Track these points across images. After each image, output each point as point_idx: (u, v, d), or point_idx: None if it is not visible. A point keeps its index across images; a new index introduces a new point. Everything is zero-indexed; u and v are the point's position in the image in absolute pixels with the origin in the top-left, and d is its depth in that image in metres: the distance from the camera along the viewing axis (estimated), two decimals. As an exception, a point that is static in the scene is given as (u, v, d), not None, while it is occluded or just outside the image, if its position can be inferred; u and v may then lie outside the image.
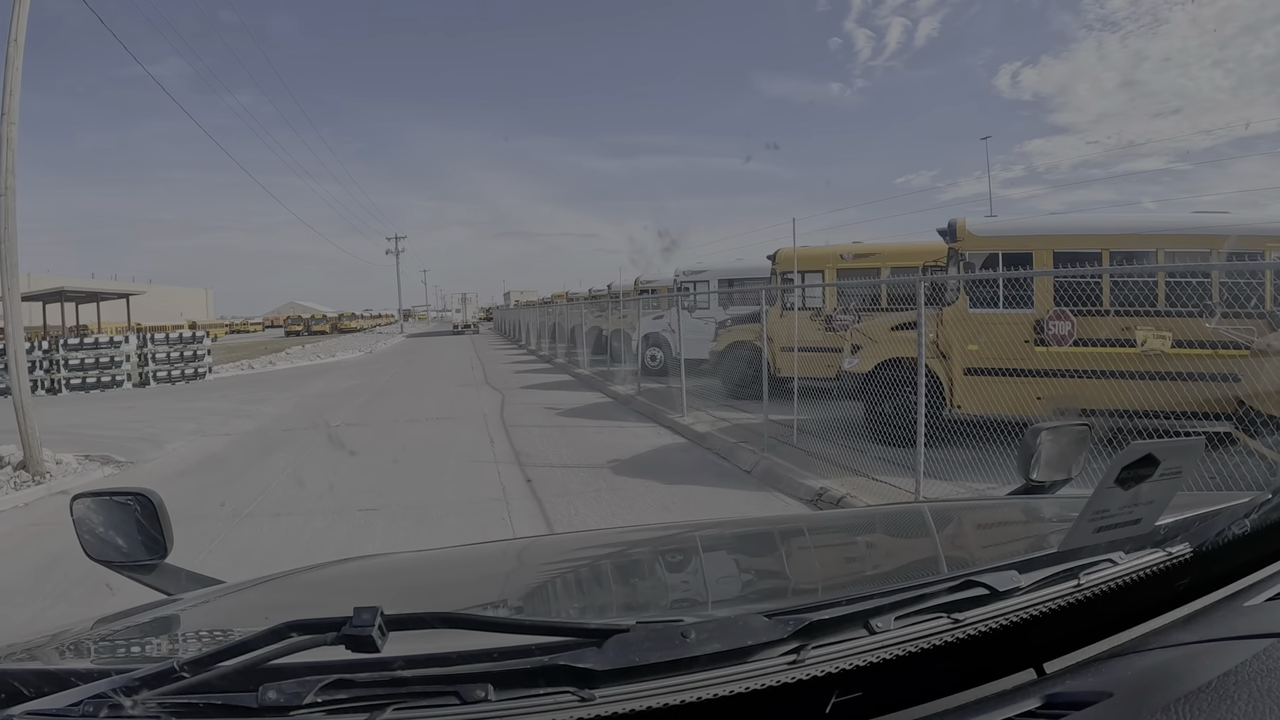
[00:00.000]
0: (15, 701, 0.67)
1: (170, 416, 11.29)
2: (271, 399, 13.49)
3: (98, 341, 17.52)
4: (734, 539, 1.59)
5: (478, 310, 53.89)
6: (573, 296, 31.64)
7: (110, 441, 8.75)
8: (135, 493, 1.24)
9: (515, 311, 42.27)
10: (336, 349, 29.87)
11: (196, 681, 0.64)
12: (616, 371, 15.06)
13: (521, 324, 32.99)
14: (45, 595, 4.01)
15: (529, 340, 30.13)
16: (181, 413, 11.71)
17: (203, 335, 19.24)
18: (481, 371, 18.66)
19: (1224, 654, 0.72)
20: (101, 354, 17.25)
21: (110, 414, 11.78)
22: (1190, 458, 0.78)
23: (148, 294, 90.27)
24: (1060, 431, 1.41)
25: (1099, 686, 0.70)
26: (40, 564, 4.59)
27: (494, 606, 1.09)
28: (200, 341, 18.80)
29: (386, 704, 0.64)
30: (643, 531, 2.19)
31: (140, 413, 11.86)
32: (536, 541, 2.44)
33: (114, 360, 17.37)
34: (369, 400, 13.21)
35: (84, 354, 17.01)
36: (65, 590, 3.90)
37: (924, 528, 1.51)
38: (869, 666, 0.70)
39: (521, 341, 33.17)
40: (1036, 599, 0.80)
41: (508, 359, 23.95)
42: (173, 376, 17.98)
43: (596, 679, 0.66)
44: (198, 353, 18.61)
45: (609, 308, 18.58)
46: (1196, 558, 0.88)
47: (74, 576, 3.82)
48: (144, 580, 1.25)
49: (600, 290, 26.27)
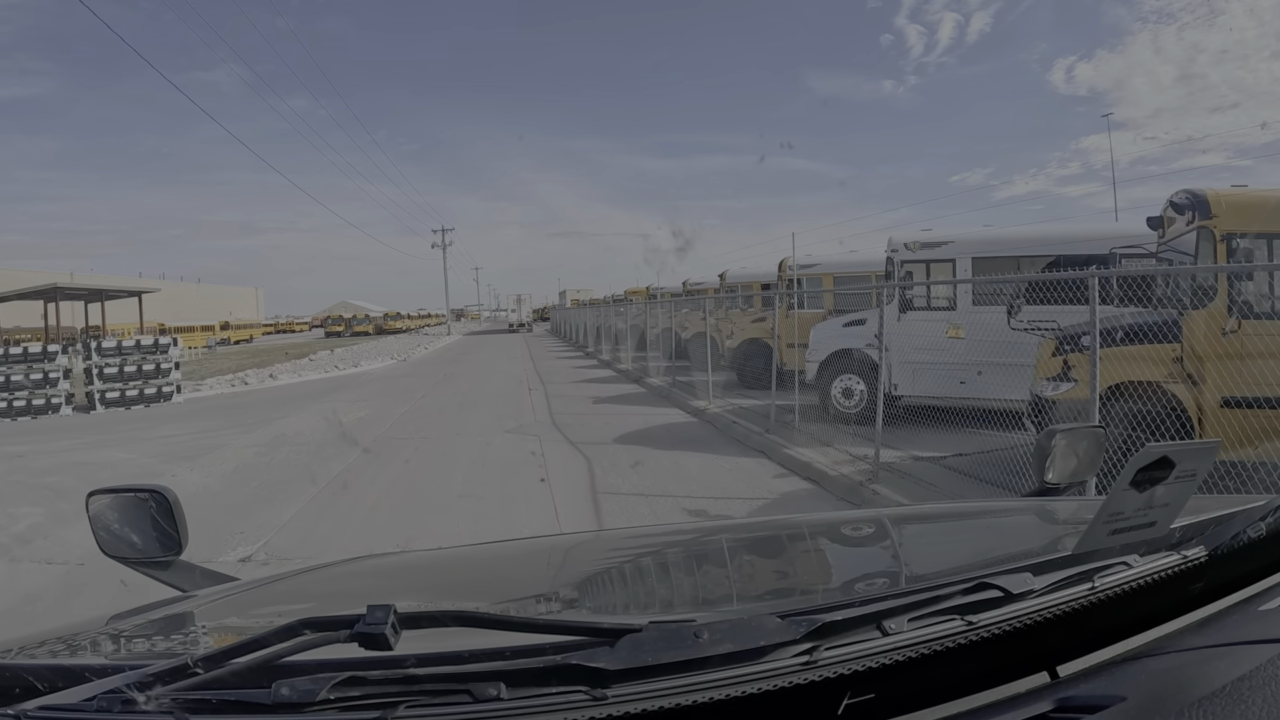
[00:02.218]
0: (30, 696, 0.66)
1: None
2: (195, 461, 8.00)
3: (26, 353, 12.94)
4: (747, 540, 1.57)
5: (531, 310, 54.72)
6: (655, 292, 25.68)
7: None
8: (151, 489, 1.24)
9: (574, 312, 38.18)
10: (366, 355, 25.42)
11: (210, 678, 0.64)
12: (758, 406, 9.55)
13: (585, 326, 28.93)
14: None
15: (582, 339, 27.85)
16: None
17: (169, 342, 14.32)
18: (541, 394, 13.27)
19: (1239, 658, 0.72)
20: (32, 369, 12.68)
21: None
22: (1206, 461, 0.78)
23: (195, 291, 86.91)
24: (1076, 434, 1.40)
25: (1112, 690, 0.70)
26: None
27: (507, 605, 1.08)
28: (165, 351, 14.06)
29: (399, 701, 0.64)
30: (656, 532, 2.23)
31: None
32: (550, 541, 2.34)
33: (48, 377, 12.76)
34: (351, 470, 7.24)
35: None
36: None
37: (938, 529, 1.53)
38: (882, 668, 0.70)
39: (578, 342, 30.02)
40: (1050, 602, 0.79)
41: (571, 369, 19.21)
42: (128, 398, 13.37)
43: (609, 678, 0.65)
44: (161, 366, 13.98)
45: (727, 307, 13.37)
46: (1211, 561, 0.88)
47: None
48: (159, 577, 1.25)
49: (658, 289, 23.56)
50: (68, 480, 6.99)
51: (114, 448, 9.23)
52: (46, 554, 4.76)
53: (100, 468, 7.77)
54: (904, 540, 1.46)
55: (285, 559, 4.51)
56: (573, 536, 3.00)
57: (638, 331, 18.55)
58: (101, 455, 8.71)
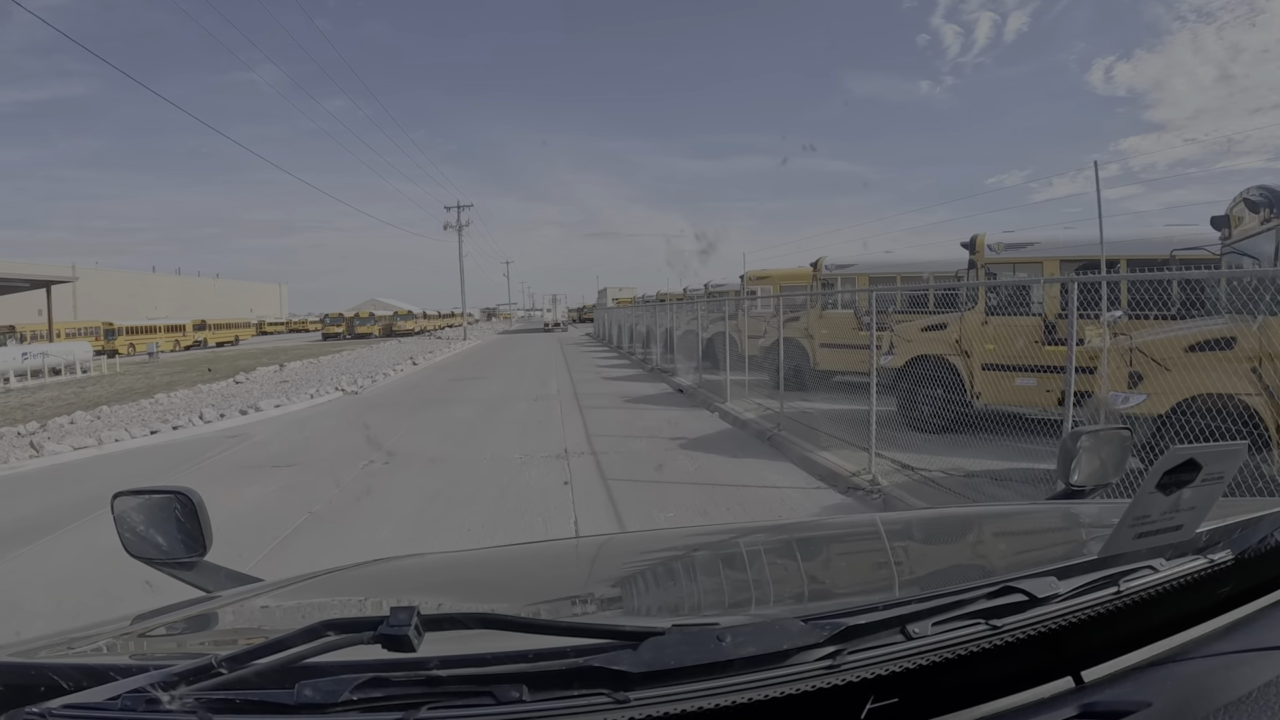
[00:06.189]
0: (55, 695, 0.66)
1: None
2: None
3: None
4: (770, 543, 1.55)
5: (566, 310, 53.84)
6: (713, 289, 20.08)
7: None
8: (175, 491, 1.24)
9: (620, 312, 31.18)
10: (328, 377, 17.12)
11: (233, 678, 0.64)
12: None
13: (636, 329, 23.68)
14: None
15: (625, 344, 23.94)
16: None
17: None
18: (599, 484, 6.22)
19: (1265, 664, 0.71)
20: None
21: None
22: (1233, 463, 0.76)
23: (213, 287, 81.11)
24: (1100, 436, 1.39)
25: (1138, 696, 0.69)
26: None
27: (530, 608, 1.07)
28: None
29: (421, 703, 0.63)
30: (679, 534, 2.17)
31: None
32: (572, 543, 2.35)
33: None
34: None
35: None
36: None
37: (962, 533, 1.50)
38: (905, 672, 0.69)
39: (623, 348, 25.26)
40: (1075, 606, 0.78)
41: (627, 401, 12.21)
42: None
43: (631, 681, 0.65)
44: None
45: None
46: (1238, 565, 0.87)
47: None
48: (183, 578, 1.25)
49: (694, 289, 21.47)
50: None
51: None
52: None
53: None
54: (927, 543, 1.45)
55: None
56: (594, 539, 2.98)
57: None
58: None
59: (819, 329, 11.58)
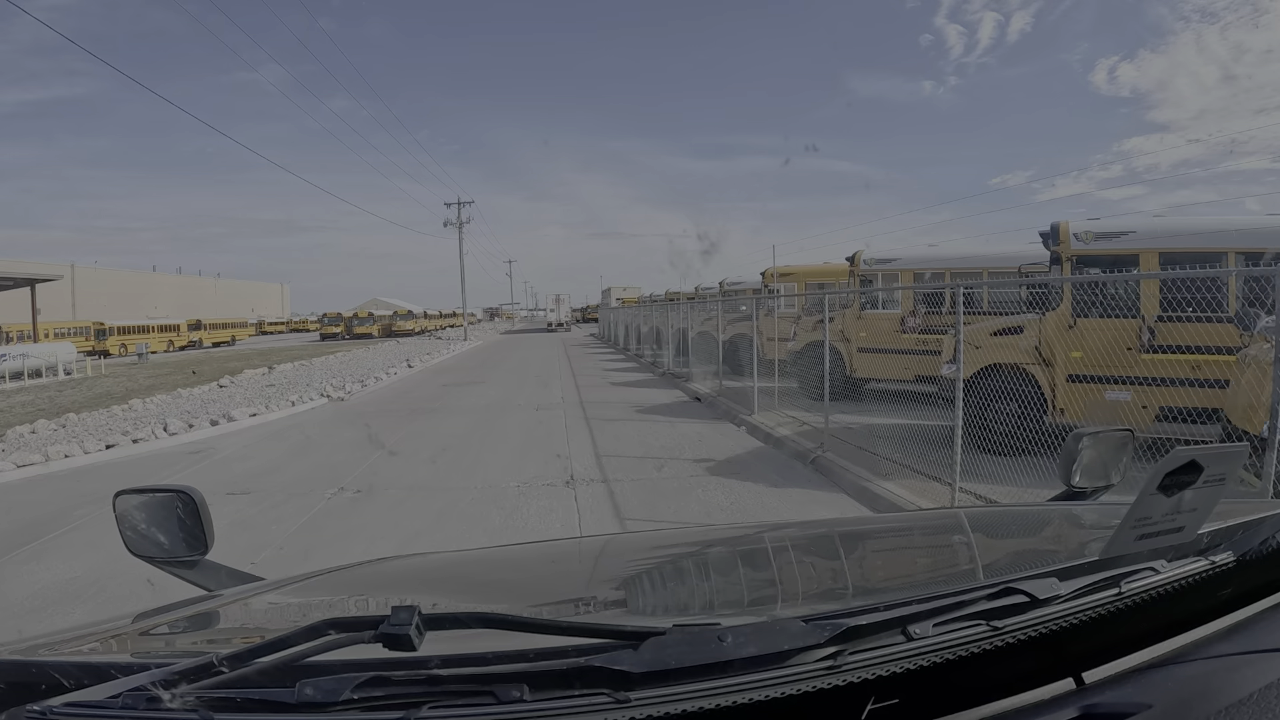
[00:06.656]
0: (55, 693, 0.66)
1: None
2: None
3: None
4: (771, 543, 1.53)
5: (570, 310, 53.30)
6: (730, 287, 18.92)
7: None
8: (177, 489, 1.23)
9: (627, 313, 29.56)
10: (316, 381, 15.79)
11: (235, 676, 0.63)
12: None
13: (645, 330, 22.38)
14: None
15: (632, 346, 22.44)
16: None
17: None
18: (616, 528, 4.99)
19: (1267, 666, 0.71)
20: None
21: None
22: (1234, 465, 0.76)
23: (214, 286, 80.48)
24: (1101, 437, 1.38)
25: (1138, 698, 0.69)
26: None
27: (531, 607, 1.07)
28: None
29: (422, 702, 0.63)
30: (680, 535, 2.15)
31: None
32: (574, 543, 2.34)
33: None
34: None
35: None
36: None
37: (963, 534, 1.49)
38: (906, 673, 0.69)
39: (630, 350, 23.86)
40: (1076, 607, 0.78)
41: (640, 411, 10.81)
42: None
43: (632, 681, 0.65)
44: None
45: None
46: (1239, 567, 0.87)
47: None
48: (185, 576, 1.24)
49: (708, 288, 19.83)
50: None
51: None
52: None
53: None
54: (929, 544, 1.44)
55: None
56: (596, 539, 2.93)
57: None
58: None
59: (857, 331, 10.31)
